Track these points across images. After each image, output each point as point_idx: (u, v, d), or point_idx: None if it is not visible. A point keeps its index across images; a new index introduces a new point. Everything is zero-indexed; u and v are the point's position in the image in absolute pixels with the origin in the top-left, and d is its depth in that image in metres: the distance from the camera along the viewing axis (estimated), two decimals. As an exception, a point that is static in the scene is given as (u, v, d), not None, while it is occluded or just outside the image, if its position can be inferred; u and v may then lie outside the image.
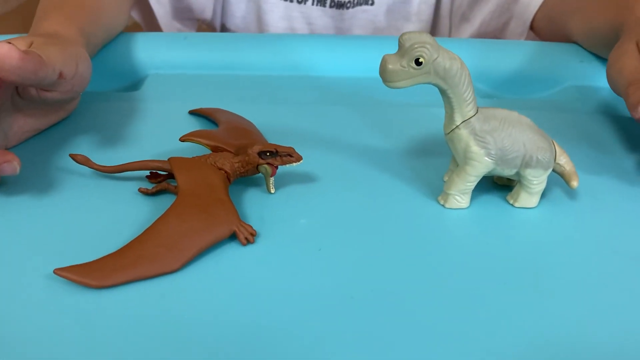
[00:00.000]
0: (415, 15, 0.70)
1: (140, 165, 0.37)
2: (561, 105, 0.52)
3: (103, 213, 0.36)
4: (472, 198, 0.38)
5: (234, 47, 0.56)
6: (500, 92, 0.56)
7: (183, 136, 0.38)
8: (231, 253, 0.33)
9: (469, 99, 0.34)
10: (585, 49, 0.58)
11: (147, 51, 0.55)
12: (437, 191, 0.38)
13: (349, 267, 0.33)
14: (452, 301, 0.31)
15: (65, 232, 0.34)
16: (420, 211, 0.37)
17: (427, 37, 0.33)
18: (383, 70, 0.33)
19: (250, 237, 0.33)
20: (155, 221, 0.33)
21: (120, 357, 0.27)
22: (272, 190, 0.38)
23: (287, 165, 0.36)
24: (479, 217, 0.37)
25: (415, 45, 0.32)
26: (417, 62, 0.33)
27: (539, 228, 0.36)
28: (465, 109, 0.35)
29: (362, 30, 0.71)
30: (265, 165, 0.36)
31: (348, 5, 0.69)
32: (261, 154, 0.36)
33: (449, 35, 0.72)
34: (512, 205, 0.38)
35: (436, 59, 0.33)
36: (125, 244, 0.32)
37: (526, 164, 0.36)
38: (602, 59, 0.56)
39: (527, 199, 0.37)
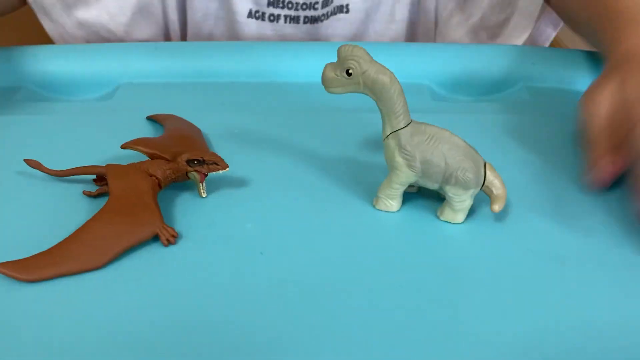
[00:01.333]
0: (390, 16, 0.71)
1: (84, 170, 0.41)
2: (512, 106, 0.54)
3: (49, 212, 0.40)
4: (413, 206, 0.41)
5: (203, 55, 0.59)
6: (456, 95, 0.58)
7: (124, 144, 0.42)
8: (154, 254, 0.37)
9: (399, 112, 0.37)
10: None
11: (119, 61, 0.58)
12: (374, 195, 0.41)
13: (273, 267, 0.36)
14: (372, 303, 0.34)
15: (10, 229, 0.38)
16: (355, 215, 0.40)
17: (360, 51, 0.36)
18: (322, 76, 0.37)
19: (171, 239, 0.37)
20: (85, 223, 0.37)
21: (42, 342, 0.31)
22: (204, 195, 0.41)
23: (214, 172, 0.39)
24: (406, 224, 0.40)
25: (347, 58, 0.36)
26: (348, 73, 0.36)
27: (457, 243, 0.38)
28: (394, 121, 0.37)
29: (341, 38, 0.72)
30: (194, 172, 0.40)
31: (322, 18, 0.69)
32: (189, 161, 0.39)
33: (435, 34, 0.73)
34: (438, 218, 0.40)
35: (365, 72, 0.36)
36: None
37: (446, 180, 0.38)
38: (555, 61, 0.58)
39: (451, 214, 0.39)
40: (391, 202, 0.40)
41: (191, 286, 0.34)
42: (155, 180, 0.39)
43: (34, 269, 0.34)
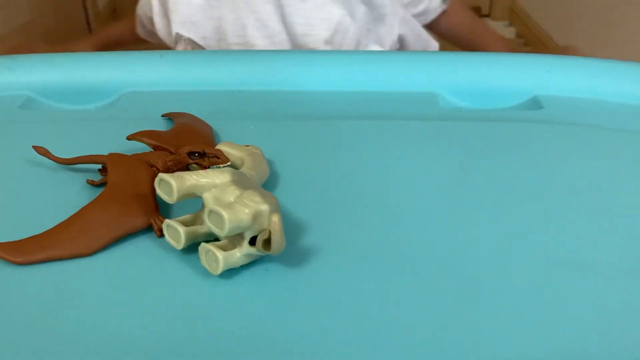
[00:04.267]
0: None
1: (88, 159, 0.41)
2: (524, 115, 0.52)
3: (52, 199, 0.40)
4: None
5: (207, 64, 0.59)
6: (468, 103, 0.56)
7: (130, 135, 0.42)
8: (146, 244, 0.36)
9: None
10: None
11: (122, 69, 0.58)
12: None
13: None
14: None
15: (13, 214, 0.39)
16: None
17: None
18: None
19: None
20: (81, 209, 0.36)
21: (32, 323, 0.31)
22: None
23: (214, 166, 0.39)
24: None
25: None
26: None
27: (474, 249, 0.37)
28: None
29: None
30: (195, 165, 0.39)
31: None
32: (190, 154, 0.39)
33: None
34: None
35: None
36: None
37: None
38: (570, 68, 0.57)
39: None
40: None
41: (182, 279, 0.34)
42: (155, 171, 0.39)
43: (25, 251, 0.34)
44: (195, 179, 0.34)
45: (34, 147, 0.42)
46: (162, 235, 0.36)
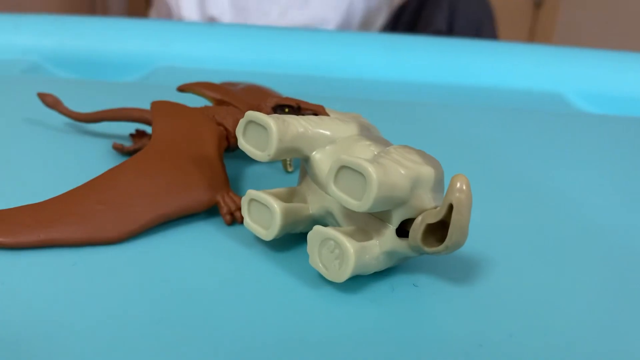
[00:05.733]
0: None
1: (119, 113, 0.28)
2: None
3: (63, 170, 0.26)
4: None
5: (266, 40, 0.47)
6: (597, 108, 0.44)
7: (182, 85, 0.29)
8: (209, 233, 0.22)
9: None
10: None
11: (157, 39, 0.46)
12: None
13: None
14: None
15: (11, 190, 0.25)
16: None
17: None
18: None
19: (238, 214, 0.23)
20: (105, 172, 0.23)
21: None
22: (290, 169, 0.27)
23: (313, 129, 0.26)
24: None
25: None
26: None
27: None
28: None
29: None
30: (281, 128, 0.26)
31: None
32: (277, 108, 0.26)
33: None
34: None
35: None
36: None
37: None
38: None
39: None
40: None
41: (272, 292, 0.20)
42: (224, 132, 0.26)
43: (15, 228, 0.21)
44: (304, 126, 0.21)
45: (39, 94, 0.29)
46: (233, 221, 0.23)
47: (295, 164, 0.29)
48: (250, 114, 0.20)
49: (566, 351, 0.18)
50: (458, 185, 0.18)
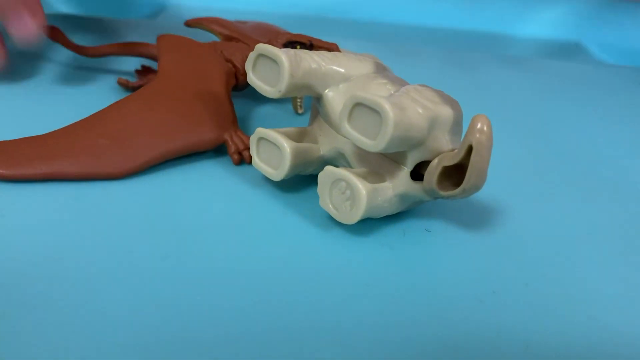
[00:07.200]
0: None
1: (125, 48, 0.27)
2: None
3: (64, 108, 0.25)
4: None
5: None
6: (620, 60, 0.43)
7: (190, 20, 0.28)
8: (215, 172, 0.22)
9: None
10: None
11: None
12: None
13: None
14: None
15: (8, 113, 0.24)
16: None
17: None
18: None
19: (246, 153, 0.22)
20: (109, 105, 0.22)
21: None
22: (300, 111, 0.26)
23: (325, 68, 0.25)
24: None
25: None
26: None
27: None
28: None
29: None
30: (292, 66, 0.25)
31: None
32: (289, 45, 0.25)
33: None
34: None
35: None
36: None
37: None
38: None
39: None
40: None
41: (280, 234, 0.19)
42: (232, 69, 0.25)
43: (16, 159, 0.20)
44: (317, 62, 0.20)
45: (43, 27, 0.28)
46: (241, 161, 0.22)
47: (306, 106, 0.28)
48: (261, 47, 0.19)
49: (583, 303, 0.17)
50: (479, 125, 0.17)
